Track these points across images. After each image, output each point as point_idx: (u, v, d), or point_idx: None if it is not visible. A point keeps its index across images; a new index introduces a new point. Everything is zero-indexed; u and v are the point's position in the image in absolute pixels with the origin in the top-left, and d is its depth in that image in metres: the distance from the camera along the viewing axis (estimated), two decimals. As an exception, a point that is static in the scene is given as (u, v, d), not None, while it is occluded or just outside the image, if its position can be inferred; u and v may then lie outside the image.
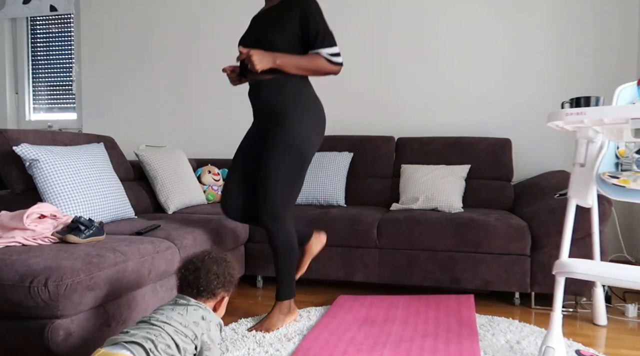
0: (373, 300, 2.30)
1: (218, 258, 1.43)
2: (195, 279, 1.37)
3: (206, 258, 1.42)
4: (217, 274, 1.39)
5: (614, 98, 1.71)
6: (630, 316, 2.17)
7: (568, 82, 3.12)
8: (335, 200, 2.89)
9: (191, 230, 2.05)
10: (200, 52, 3.74)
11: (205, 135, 3.76)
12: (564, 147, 3.13)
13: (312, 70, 1.92)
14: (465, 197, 2.85)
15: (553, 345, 1.50)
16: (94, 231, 1.70)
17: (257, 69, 1.79)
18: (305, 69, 1.91)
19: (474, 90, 3.25)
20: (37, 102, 4.24)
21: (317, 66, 1.91)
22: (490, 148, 2.94)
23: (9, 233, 1.61)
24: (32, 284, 1.31)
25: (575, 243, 2.14)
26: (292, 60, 1.88)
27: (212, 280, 1.38)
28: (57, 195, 1.94)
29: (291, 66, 1.88)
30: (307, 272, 2.49)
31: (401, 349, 1.72)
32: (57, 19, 4.15)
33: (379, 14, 3.33)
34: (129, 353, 1.14)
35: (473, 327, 1.93)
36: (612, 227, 2.95)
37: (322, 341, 1.80)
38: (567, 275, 1.54)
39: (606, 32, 3.06)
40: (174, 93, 3.81)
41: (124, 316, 1.56)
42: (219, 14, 3.70)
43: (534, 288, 2.26)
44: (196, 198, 2.99)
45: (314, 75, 1.95)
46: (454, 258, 2.33)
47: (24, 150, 1.97)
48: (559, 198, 2.31)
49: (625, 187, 1.55)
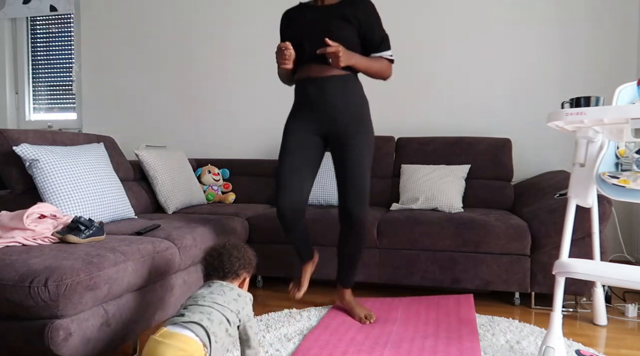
0: (374, 302, 2.30)
1: (237, 244, 1.60)
2: (220, 263, 1.52)
3: (227, 244, 1.57)
4: (238, 257, 1.54)
5: (614, 98, 1.71)
6: (630, 316, 2.17)
7: (568, 82, 3.12)
8: (335, 200, 2.89)
9: (191, 230, 2.05)
10: (200, 52, 3.74)
11: (205, 135, 3.76)
12: (564, 147, 3.13)
13: (377, 73, 1.98)
14: (465, 197, 2.85)
15: (553, 345, 1.50)
16: (94, 231, 1.70)
17: (341, 65, 1.82)
18: (372, 71, 1.96)
19: (474, 90, 3.25)
20: (37, 102, 4.24)
21: (383, 69, 1.97)
22: (490, 148, 2.94)
23: (9, 233, 1.61)
24: (32, 284, 1.31)
25: (575, 243, 2.14)
26: (364, 61, 1.92)
27: (235, 263, 1.52)
28: (57, 195, 1.94)
29: (363, 66, 1.92)
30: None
31: (402, 349, 1.72)
32: (57, 19, 4.15)
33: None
34: (190, 332, 1.25)
35: (473, 327, 1.93)
36: (612, 227, 2.95)
37: (322, 342, 1.80)
38: (567, 275, 1.54)
39: (606, 32, 3.06)
40: (174, 93, 3.81)
41: (124, 316, 1.56)
42: (219, 14, 3.70)
43: (534, 288, 2.26)
44: (196, 198, 2.99)
45: (375, 77, 2.00)
46: (454, 258, 2.33)
47: (24, 150, 1.97)
48: (559, 198, 2.31)
49: (625, 187, 1.55)
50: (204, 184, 3.20)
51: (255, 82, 3.65)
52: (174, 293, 1.87)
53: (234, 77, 3.69)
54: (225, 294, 1.44)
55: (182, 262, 1.90)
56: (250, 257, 1.59)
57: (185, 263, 1.93)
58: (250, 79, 3.65)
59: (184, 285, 1.95)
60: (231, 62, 3.69)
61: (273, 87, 3.60)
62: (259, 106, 3.65)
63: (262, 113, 3.64)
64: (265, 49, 3.61)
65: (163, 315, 1.80)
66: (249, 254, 1.59)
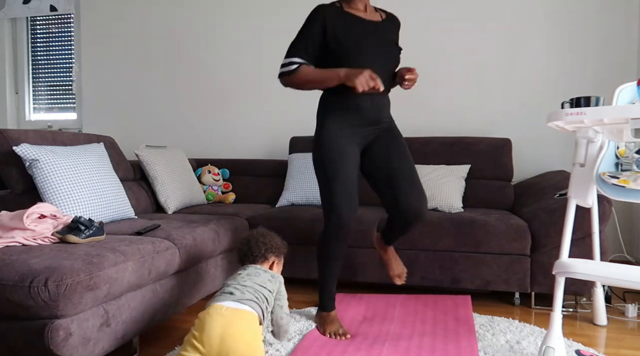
0: (370, 298, 2.30)
1: (264, 231, 1.82)
2: (249, 249, 1.75)
3: (254, 233, 1.81)
4: (264, 242, 1.76)
5: (614, 98, 1.71)
6: (630, 316, 2.17)
7: (568, 82, 3.12)
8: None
9: (191, 230, 2.05)
10: (200, 52, 3.74)
11: (205, 135, 3.76)
12: (564, 147, 3.13)
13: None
14: (465, 197, 2.85)
15: (553, 345, 1.50)
16: (94, 231, 1.70)
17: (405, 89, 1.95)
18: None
19: (474, 90, 3.25)
20: (37, 102, 4.24)
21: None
22: (490, 148, 2.93)
23: (9, 233, 1.61)
24: (32, 284, 1.31)
25: (575, 243, 2.14)
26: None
27: (261, 247, 1.75)
28: (57, 195, 1.94)
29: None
30: (306, 272, 2.50)
31: (400, 347, 1.73)
32: (57, 19, 4.15)
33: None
34: (249, 308, 1.47)
35: (471, 326, 1.94)
36: (612, 227, 2.95)
37: (321, 341, 1.80)
38: (567, 275, 1.54)
39: (606, 32, 3.06)
40: (174, 93, 3.81)
41: (124, 316, 1.56)
42: (219, 15, 3.70)
43: (534, 288, 2.26)
44: (196, 198, 3.00)
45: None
46: (454, 258, 2.33)
47: (24, 150, 1.97)
48: (559, 198, 2.31)
49: (625, 187, 1.55)
50: (204, 184, 3.20)
51: (255, 82, 3.65)
52: (174, 293, 1.87)
53: (234, 77, 3.69)
54: (260, 275, 1.64)
55: (182, 261, 1.90)
56: (276, 242, 1.80)
57: (185, 263, 1.93)
58: (251, 79, 3.65)
59: (184, 285, 1.95)
60: (231, 62, 3.69)
61: (273, 87, 3.59)
62: (259, 106, 3.65)
63: (262, 113, 3.64)
64: (266, 49, 3.61)
65: (163, 315, 1.80)
66: (275, 240, 1.80)
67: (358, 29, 1.90)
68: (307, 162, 3.03)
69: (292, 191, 2.97)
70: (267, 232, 1.82)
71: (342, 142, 1.89)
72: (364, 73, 1.73)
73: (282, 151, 3.59)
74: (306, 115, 3.52)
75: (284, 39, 3.56)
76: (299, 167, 3.02)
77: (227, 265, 2.33)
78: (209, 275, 2.15)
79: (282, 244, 1.84)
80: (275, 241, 1.80)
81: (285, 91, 3.56)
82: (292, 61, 1.87)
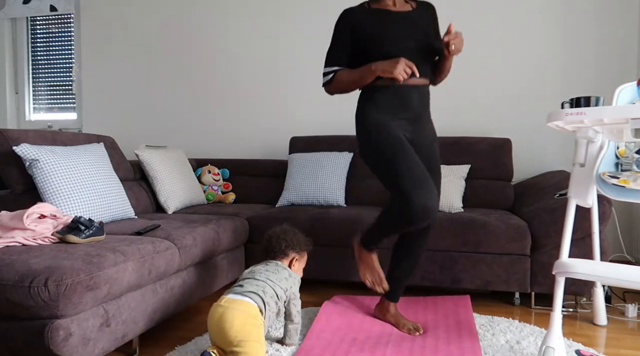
0: (372, 299, 2.30)
1: (286, 229, 1.90)
2: (270, 245, 1.84)
3: (277, 230, 1.89)
4: (284, 239, 1.84)
5: (614, 98, 1.71)
6: (630, 316, 2.17)
7: (568, 82, 3.12)
8: (335, 200, 2.89)
9: (191, 230, 2.05)
10: (200, 52, 3.74)
11: (205, 135, 3.76)
12: (564, 147, 3.13)
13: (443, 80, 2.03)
14: (465, 197, 2.85)
15: (553, 345, 1.50)
16: (94, 231, 1.70)
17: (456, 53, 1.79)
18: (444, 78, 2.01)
19: (474, 90, 3.25)
20: (37, 102, 4.24)
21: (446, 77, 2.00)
22: (490, 148, 2.93)
23: (9, 233, 1.61)
24: (32, 284, 1.31)
25: (575, 243, 2.14)
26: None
27: (281, 243, 1.83)
28: (57, 195, 1.94)
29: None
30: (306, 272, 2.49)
31: (403, 348, 1.73)
32: (57, 19, 4.15)
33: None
34: (249, 299, 1.54)
35: (472, 327, 1.94)
36: (612, 227, 2.95)
37: (324, 341, 1.80)
38: (567, 275, 1.54)
39: (606, 32, 3.06)
40: (173, 93, 3.81)
41: (124, 316, 1.56)
42: (219, 15, 3.70)
43: (534, 288, 2.26)
44: (196, 198, 2.99)
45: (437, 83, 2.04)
46: (454, 258, 2.33)
47: (24, 150, 1.97)
48: (559, 198, 2.31)
49: (625, 187, 1.55)
50: (204, 184, 3.20)
51: (255, 82, 3.64)
52: (174, 293, 1.87)
53: (234, 77, 3.69)
54: (278, 272, 1.72)
55: (182, 261, 1.90)
56: (298, 239, 1.87)
57: (185, 263, 1.93)
58: (251, 79, 3.65)
59: (184, 285, 1.95)
60: (231, 62, 3.69)
61: (273, 87, 3.60)
62: (259, 106, 3.65)
63: (262, 113, 3.64)
64: (266, 49, 3.61)
65: (164, 315, 1.80)
66: (297, 237, 1.87)
67: (384, 19, 1.87)
68: (307, 162, 3.03)
69: (292, 191, 2.97)
70: (290, 229, 1.90)
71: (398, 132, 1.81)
72: (399, 62, 1.69)
73: (282, 151, 3.59)
74: (306, 115, 3.52)
75: (284, 39, 3.56)
76: (299, 167, 3.02)
77: (227, 265, 2.33)
78: (209, 275, 2.15)
79: (305, 241, 1.90)
80: (297, 238, 1.87)
81: (285, 91, 3.56)
82: (329, 70, 1.92)
